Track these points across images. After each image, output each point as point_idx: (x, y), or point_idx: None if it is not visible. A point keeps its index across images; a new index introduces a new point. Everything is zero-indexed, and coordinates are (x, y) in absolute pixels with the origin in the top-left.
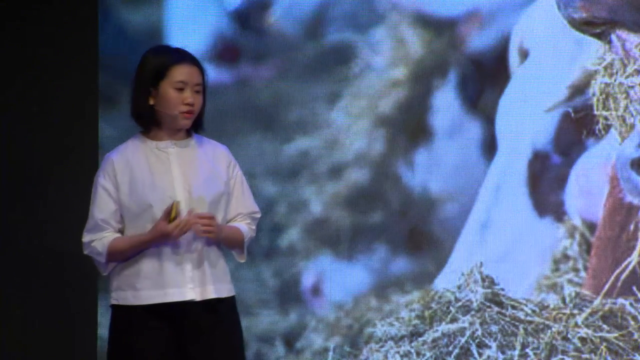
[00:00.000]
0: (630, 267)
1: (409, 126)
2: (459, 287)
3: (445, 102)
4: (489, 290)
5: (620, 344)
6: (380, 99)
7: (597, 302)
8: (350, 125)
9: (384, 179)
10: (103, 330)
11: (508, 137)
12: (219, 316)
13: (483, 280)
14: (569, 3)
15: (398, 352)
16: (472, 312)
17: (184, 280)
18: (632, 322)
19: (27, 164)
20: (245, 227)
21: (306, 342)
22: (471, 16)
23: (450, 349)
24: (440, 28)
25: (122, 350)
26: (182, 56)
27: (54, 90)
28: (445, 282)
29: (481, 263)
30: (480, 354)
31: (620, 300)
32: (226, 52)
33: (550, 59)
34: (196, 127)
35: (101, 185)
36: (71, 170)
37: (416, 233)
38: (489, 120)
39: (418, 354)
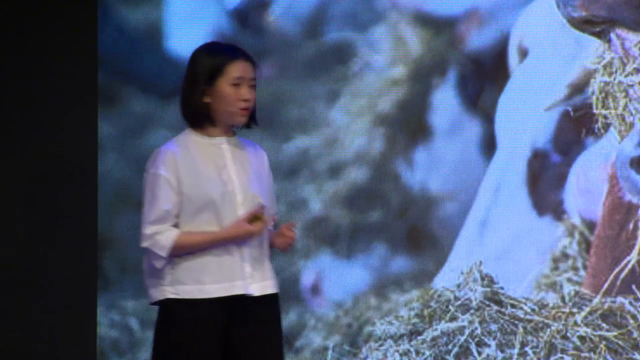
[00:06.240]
0: (630, 265)
1: (409, 125)
2: (458, 286)
3: (445, 101)
4: (488, 289)
5: (620, 342)
6: (379, 98)
7: (596, 300)
8: (349, 124)
9: (383, 177)
10: (103, 330)
11: (507, 136)
12: (273, 310)
13: (482, 279)
14: (568, 2)
15: (397, 351)
16: (472, 311)
17: (245, 276)
18: (631, 321)
19: (27, 163)
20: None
21: (305, 341)
22: (470, 15)
23: (450, 347)
24: (439, 27)
25: (181, 343)
26: (237, 53)
27: (53, 89)
28: (444, 280)
29: (480, 262)
30: (479, 353)
31: (620, 299)
32: None
33: (549, 58)
34: (250, 122)
35: (163, 177)
36: (71, 170)
37: (415, 232)
38: (488, 119)
39: (417, 352)
